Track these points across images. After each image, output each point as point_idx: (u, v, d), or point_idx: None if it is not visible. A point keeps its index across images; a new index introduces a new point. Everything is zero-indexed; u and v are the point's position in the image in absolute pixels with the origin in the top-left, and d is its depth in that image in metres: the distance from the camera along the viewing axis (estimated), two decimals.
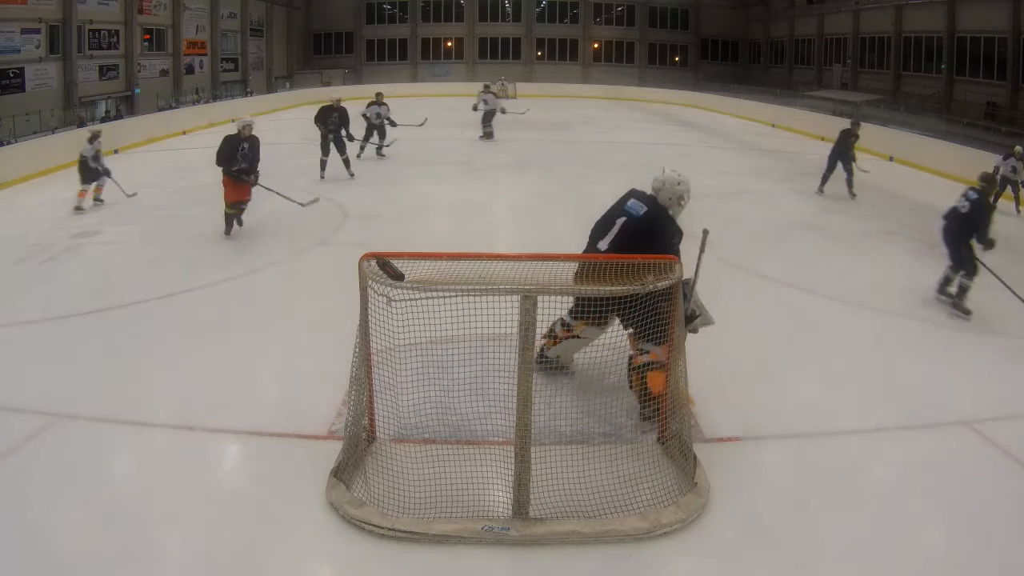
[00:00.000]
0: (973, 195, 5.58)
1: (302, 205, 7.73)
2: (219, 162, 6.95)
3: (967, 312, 5.38)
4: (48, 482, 3.14)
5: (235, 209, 7.09)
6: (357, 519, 2.83)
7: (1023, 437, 3.59)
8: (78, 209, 8.28)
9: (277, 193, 7.60)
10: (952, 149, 12.42)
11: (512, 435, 2.86)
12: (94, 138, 8.57)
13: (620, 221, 3.69)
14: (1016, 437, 3.58)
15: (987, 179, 5.77)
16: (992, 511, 3.04)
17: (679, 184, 3.69)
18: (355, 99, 26.54)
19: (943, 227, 5.70)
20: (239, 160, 6.92)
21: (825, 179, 9.87)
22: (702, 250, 3.43)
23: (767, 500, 3.09)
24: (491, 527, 2.80)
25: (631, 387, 3.63)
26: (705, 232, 3.42)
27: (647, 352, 3.46)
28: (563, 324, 3.82)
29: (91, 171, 8.36)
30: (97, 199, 8.58)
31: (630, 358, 3.61)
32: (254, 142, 7.07)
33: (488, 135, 14.58)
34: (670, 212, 3.69)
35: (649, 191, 3.75)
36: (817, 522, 2.96)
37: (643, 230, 3.60)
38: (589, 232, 3.85)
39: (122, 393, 3.91)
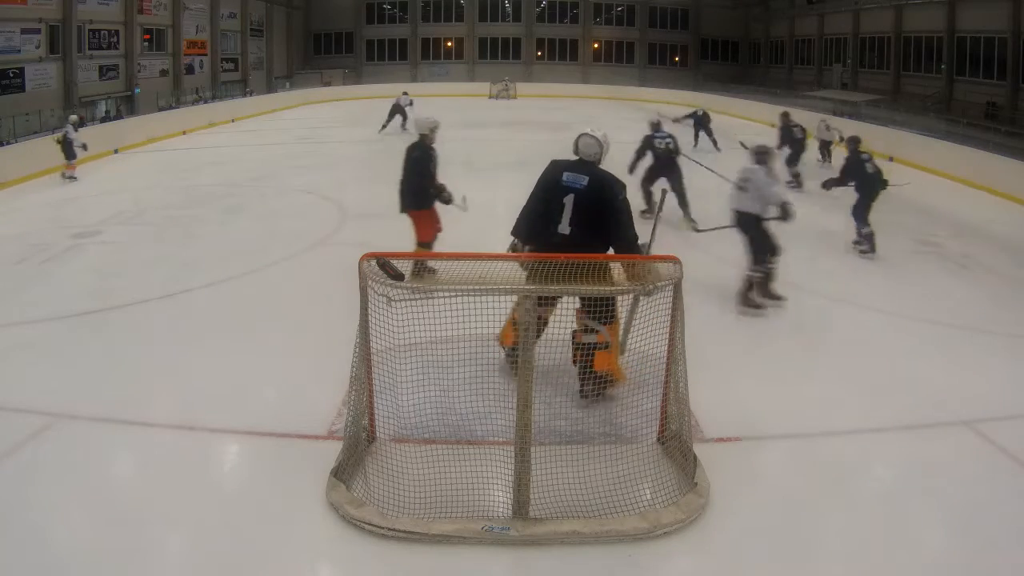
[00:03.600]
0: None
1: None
2: (420, 196, 4.96)
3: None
4: (48, 482, 3.13)
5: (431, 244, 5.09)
6: (357, 519, 2.83)
7: (1023, 437, 3.59)
8: None
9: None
10: (952, 149, 12.41)
11: (512, 435, 2.85)
12: None
13: (568, 199, 3.60)
14: (1016, 437, 3.58)
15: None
16: (992, 511, 3.04)
17: (607, 139, 3.78)
18: (353, 99, 26.26)
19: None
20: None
21: None
22: (659, 209, 3.58)
23: (767, 500, 3.08)
24: (491, 527, 2.80)
25: (573, 362, 3.65)
26: (664, 192, 3.68)
27: (594, 332, 3.47)
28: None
29: None
30: None
31: (573, 333, 3.64)
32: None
33: None
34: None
35: (575, 157, 3.75)
36: (817, 522, 2.96)
37: (597, 198, 3.58)
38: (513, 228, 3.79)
39: (122, 393, 3.91)
